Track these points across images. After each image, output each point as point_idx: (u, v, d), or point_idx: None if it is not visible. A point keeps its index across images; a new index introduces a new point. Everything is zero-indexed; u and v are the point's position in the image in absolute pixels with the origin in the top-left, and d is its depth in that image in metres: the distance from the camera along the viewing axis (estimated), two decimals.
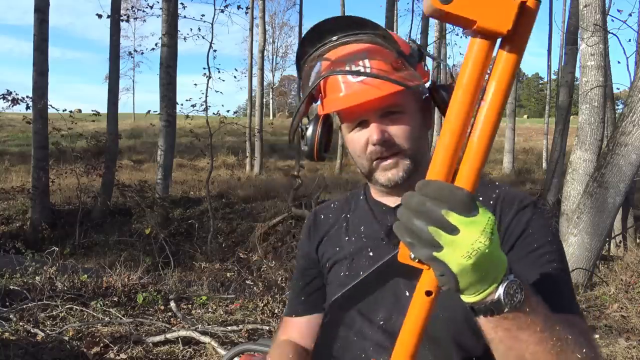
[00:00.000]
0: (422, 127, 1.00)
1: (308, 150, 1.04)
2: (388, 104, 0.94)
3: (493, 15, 0.54)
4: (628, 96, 5.09)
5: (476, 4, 0.54)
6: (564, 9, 16.84)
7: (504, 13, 0.54)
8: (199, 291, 4.88)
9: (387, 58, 0.92)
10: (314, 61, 0.98)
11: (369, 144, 0.96)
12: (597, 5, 5.62)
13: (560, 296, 0.87)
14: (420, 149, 0.99)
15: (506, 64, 0.57)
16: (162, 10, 9.48)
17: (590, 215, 5.03)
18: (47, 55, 8.65)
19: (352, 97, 0.93)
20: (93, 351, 3.34)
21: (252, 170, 16.05)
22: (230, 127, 10.07)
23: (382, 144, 0.95)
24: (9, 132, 21.54)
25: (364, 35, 0.94)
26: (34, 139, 8.64)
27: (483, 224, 0.59)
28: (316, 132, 1.03)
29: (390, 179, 0.98)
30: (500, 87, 0.58)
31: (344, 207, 1.14)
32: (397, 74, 0.91)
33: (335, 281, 1.07)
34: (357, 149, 0.99)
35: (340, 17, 0.97)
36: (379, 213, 1.07)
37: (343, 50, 0.95)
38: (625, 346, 3.66)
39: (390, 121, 0.96)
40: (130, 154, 17.95)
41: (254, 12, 18.39)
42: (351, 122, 0.99)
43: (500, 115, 0.59)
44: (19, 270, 4.81)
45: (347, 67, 0.92)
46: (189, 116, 9.16)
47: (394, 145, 0.96)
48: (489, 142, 0.60)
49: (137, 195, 9.14)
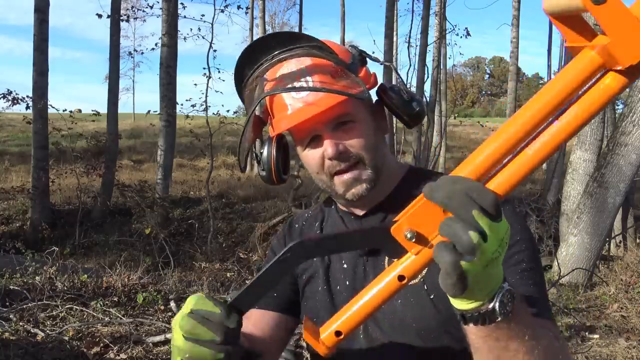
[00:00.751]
0: (377, 132, 0.97)
1: (266, 174, 1.01)
2: (336, 115, 0.91)
3: (629, 42, 0.47)
4: (628, 96, 5.09)
5: (622, 21, 0.47)
6: None
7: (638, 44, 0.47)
8: (199, 291, 4.88)
9: (326, 69, 0.90)
10: (254, 82, 0.95)
11: (325, 158, 0.93)
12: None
13: (533, 300, 0.84)
14: (378, 155, 0.96)
15: (602, 95, 0.52)
16: (162, 10, 9.48)
17: (590, 215, 5.03)
18: (47, 55, 8.65)
19: (299, 113, 0.90)
20: (93, 351, 3.34)
21: (252, 170, 16.06)
22: (230, 127, 10.06)
23: (338, 157, 0.92)
24: (9, 132, 21.53)
25: (299, 49, 0.92)
26: (34, 139, 8.65)
27: (503, 233, 0.57)
28: (271, 154, 1.00)
29: (355, 194, 0.95)
30: (583, 116, 0.53)
31: (318, 216, 1.12)
32: (339, 84, 0.89)
33: (313, 296, 1.05)
34: (314, 166, 0.95)
35: (272, 34, 0.95)
36: (349, 222, 1.05)
37: (281, 68, 0.92)
38: (625, 346, 3.67)
39: (343, 132, 0.92)
40: (130, 154, 17.95)
41: (254, 12, 18.39)
42: (304, 139, 0.95)
43: (564, 143, 0.56)
44: (19, 270, 4.80)
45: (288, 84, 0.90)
46: (189, 116, 9.16)
47: (351, 157, 0.93)
48: (541, 162, 0.56)
49: (137, 195, 9.14)
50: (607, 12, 0.47)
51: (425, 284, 0.93)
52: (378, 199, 1.00)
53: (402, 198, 0.96)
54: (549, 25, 13.37)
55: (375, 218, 1.00)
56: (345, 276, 1.01)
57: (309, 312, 1.05)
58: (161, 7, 9.57)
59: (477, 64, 60.09)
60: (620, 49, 0.47)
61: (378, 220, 0.99)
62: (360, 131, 0.93)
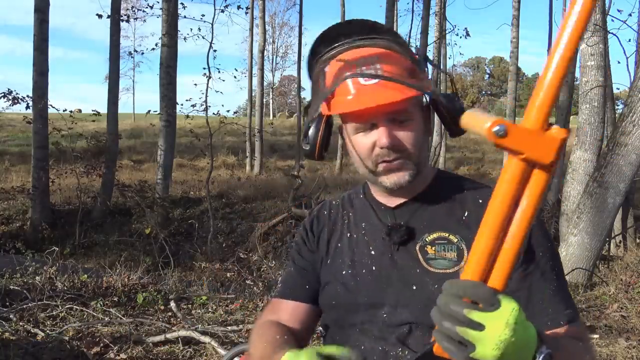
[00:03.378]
0: (425, 133, 1.03)
1: (310, 149, 1.06)
2: (399, 109, 0.95)
3: (539, 148, 0.60)
4: (628, 96, 5.09)
5: (525, 138, 0.60)
6: (564, 9, 16.83)
7: (548, 147, 0.60)
8: (199, 291, 4.87)
9: (400, 64, 0.94)
10: (326, 62, 0.98)
11: (375, 146, 0.97)
12: (597, 5, 5.62)
13: (565, 305, 0.96)
14: (423, 154, 1.02)
15: (537, 185, 0.64)
16: (162, 10, 9.48)
17: (590, 215, 5.03)
18: (47, 55, 8.65)
19: (365, 99, 0.93)
20: (93, 351, 3.34)
21: (252, 170, 16.05)
22: (230, 127, 10.07)
23: (391, 148, 0.96)
24: (9, 132, 21.52)
25: (381, 40, 0.95)
26: (34, 139, 8.65)
27: (506, 316, 0.64)
28: (319, 131, 1.05)
29: (396, 182, 1.00)
30: (531, 203, 0.65)
31: (345, 205, 1.16)
32: (411, 80, 0.93)
33: (337, 280, 1.08)
34: (363, 151, 0.99)
35: (358, 21, 0.97)
36: (380, 212, 1.09)
37: (356, 53, 0.95)
38: (625, 346, 3.66)
39: (398, 126, 0.97)
40: (130, 154, 17.94)
41: (254, 12, 18.39)
42: (359, 125, 0.99)
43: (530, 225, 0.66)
44: (19, 270, 4.80)
45: (358, 70, 0.93)
46: (189, 116, 9.16)
47: (401, 150, 0.98)
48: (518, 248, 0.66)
49: (137, 195, 9.14)
50: (509, 140, 0.60)
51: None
52: (411, 195, 1.06)
53: (431, 197, 1.05)
54: (549, 25, 13.37)
55: (406, 211, 1.06)
56: (372, 262, 1.05)
57: (328, 297, 1.08)
58: (161, 7, 9.58)
59: (477, 64, 60.04)
60: (535, 154, 0.61)
61: (408, 214, 1.05)
62: (413, 129, 0.99)
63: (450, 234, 1.01)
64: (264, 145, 16.86)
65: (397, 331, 0.99)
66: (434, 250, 1.00)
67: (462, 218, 1.03)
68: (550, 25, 17.49)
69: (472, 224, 1.01)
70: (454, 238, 1.01)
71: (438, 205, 1.05)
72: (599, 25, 5.58)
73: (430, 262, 1.00)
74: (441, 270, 0.99)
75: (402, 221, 1.04)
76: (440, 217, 1.04)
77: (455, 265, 0.98)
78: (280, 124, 25.08)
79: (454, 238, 1.01)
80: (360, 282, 1.04)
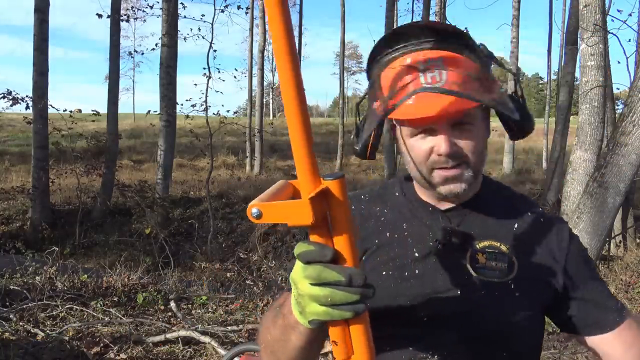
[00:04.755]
0: (485, 137, 0.99)
1: (361, 148, 1.03)
2: (461, 117, 0.91)
3: (296, 215, 0.62)
4: (628, 96, 5.09)
5: (279, 212, 0.63)
6: (564, 9, 16.85)
7: (302, 211, 0.62)
8: (199, 291, 4.87)
9: (466, 68, 0.89)
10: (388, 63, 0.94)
11: (433, 152, 0.93)
12: (597, 5, 5.61)
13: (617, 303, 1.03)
14: (482, 160, 0.98)
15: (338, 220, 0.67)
16: (162, 10, 9.48)
17: (590, 215, 5.02)
18: (47, 55, 8.65)
19: (427, 107, 0.88)
20: (93, 351, 3.34)
21: (252, 170, 16.05)
22: (230, 127, 10.07)
23: (450, 156, 0.92)
24: (9, 132, 21.53)
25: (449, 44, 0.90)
26: (34, 139, 8.65)
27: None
28: (372, 132, 1.01)
29: (452, 190, 0.96)
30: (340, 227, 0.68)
31: (377, 201, 1.10)
32: (474, 86, 0.88)
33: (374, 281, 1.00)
34: (419, 156, 0.95)
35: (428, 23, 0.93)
36: (425, 212, 1.04)
37: (421, 55, 0.90)
38: None
39: (459, 132, 0.93)
40: (130, 154, 17.94)
41: (254, 12, 18.40)
42: (417, 129, 0.95)
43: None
44: (19, 270, 4.81)
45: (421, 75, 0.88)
46: (189, 116, 9.16)
47: (460, 158, 0.93)
48: None
49: (137, 195, 9.14)
50: (266, 218, 0.64)
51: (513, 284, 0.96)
52: (462, 199, 1.02)
53: (482, 204, 1.03)
54: (549, 25, 13.37)
55: (456, 215, 1.02)
56: (415, 265, 1.00)
57: None
58: (161, 7, 9.58)
59: None
60: (296, 221, 0.63)
61: (459, 218, 1.01)
62: (474, 135, 0.94)
63: (501, 243, 0.98)
64: (264, 145, 16.86)
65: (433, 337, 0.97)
66: (485, 257, 0.97)
67: (512, 229, 1.01)
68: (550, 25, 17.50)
69: (522, 236, 1.00)
70: (504, 248, 0.98)
71: (489, 213, 1.02)
72: (599, 25, 5.58)
73: (480, 271, 0.96)
74: (490, 279, 0.96)
75: (454, 225, 1.00)
76: (491, 225, 1.01)
77: (506, 276, 0.96)
78: (280, 124, 25.04)
79: (505, 248, 0.98)
80: (401, 285, 0.99)
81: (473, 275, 0.96)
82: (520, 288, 0.96)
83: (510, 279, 0.96)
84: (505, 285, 0.96)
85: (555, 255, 1.01)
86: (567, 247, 1.02)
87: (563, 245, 1.01)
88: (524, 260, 0.98)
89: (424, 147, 0.94)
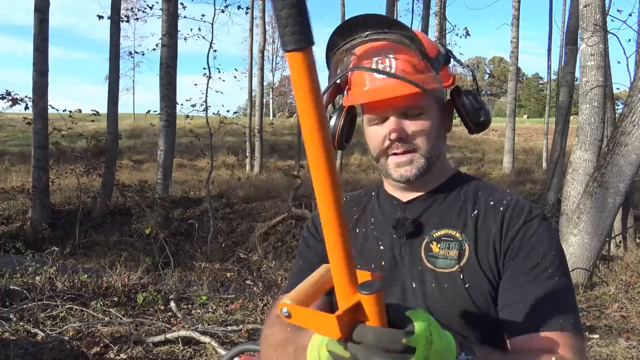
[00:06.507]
0: (441, 128, 1.04)
1: None
2: (407, 104, 0.98)
3: (324, 326, 0.62)
4: (628, 96, 5.09)
5: (308, 319, 0.64)
6: (564, 9, 16.83)
7: (331, 326, 0.61)
8: (199, 291, 4.87)
9: (411, 59, 0.96)
10: (343, 54, 1.01)
11: (386, 138, 1.00)
12: (597, 5, 5.61)
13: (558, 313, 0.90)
14: (435, 149, 1.02)
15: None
16: (162, 10, 9.48)
17: (590, 215, 5.02)
18: (47, 55, 8.65)
19: (374, 92, 0.97)
20: (93, 351, 3.34)
21: (252, 170, 16.05)
22: (230, 127, 10.07)
23: (398, 140, 0.99)
24: (9, 132, 21.51)
25: (393, 34, 0.97)
26: (34, 139, 8.64)
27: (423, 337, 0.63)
28: (339, 121, 1.08)
29: (402, 175, 1.02)
30: None
31: (357, 202, 1.17)
32: (418, 76, 0.95)
33: None
34: (375, 143, 1.03)
35: (372, 15, 1.00)
36: (389, 206, 1.10)
37: (371, 47, 0.98)
38: (625, 346, 3.66)
39: (409, 120, 0.99)
40: (130, 154, 17.93)
41: (254, 12, 18.39)
42: (372, 117, 1.02)
43: None
44: (19, 270, 4.81)
45: (373, 64, 0.96)
46: (189, 116, 9.17)
47: (409, 143, 1.00)
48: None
49: (137, 195, 9.14)
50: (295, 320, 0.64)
51: (462, 273, 0.97)
52: (424, 190, 1.07)
53: (445, 194, 1.06)
54: (549, 25, 13.37)
55: (418, 206, 1.07)
56: (381, 257, 1.05)
57: None
58: (161, 8, 9.58)
59: (477, 64, 60.04)
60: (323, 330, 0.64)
61: (420, 209, 1.06)
62: (425, 123, 1.00)
63: (456, 231, 1.00)
64: (264, 145, 16.86)
65: None
66: (439, 247, 1.00)
67: (470, 215, 1.02)
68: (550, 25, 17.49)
69: (480, 224, 1.00)
70: (459, 235, 1.00)
71: (451, 203, 1.05)
72: (599, 25, 5.58)
73: (432, 260, 0.99)
74: (440, 269, 0.98)
75: (412, 215, 1.04)
76: (450, 215, 1.03)
77: (457, 263, 0.97)
78: (280, 124, 25.07)
79: (459, 235, 1.00)
80: None
81: (425, 265, 0.99)
82: (470, 278, 0.96)
83: (460, 267, 0.97)
84: (455, 277, 0.97)
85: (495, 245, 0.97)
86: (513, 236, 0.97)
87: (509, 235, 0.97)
88: (476, 247, 0.98)
89: (379, 133, 1.02)
